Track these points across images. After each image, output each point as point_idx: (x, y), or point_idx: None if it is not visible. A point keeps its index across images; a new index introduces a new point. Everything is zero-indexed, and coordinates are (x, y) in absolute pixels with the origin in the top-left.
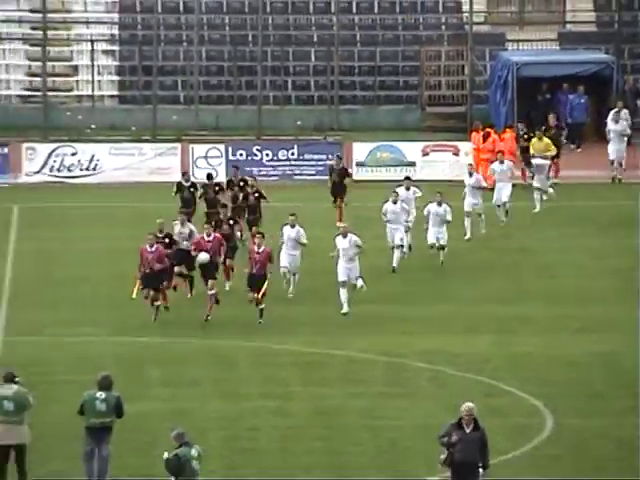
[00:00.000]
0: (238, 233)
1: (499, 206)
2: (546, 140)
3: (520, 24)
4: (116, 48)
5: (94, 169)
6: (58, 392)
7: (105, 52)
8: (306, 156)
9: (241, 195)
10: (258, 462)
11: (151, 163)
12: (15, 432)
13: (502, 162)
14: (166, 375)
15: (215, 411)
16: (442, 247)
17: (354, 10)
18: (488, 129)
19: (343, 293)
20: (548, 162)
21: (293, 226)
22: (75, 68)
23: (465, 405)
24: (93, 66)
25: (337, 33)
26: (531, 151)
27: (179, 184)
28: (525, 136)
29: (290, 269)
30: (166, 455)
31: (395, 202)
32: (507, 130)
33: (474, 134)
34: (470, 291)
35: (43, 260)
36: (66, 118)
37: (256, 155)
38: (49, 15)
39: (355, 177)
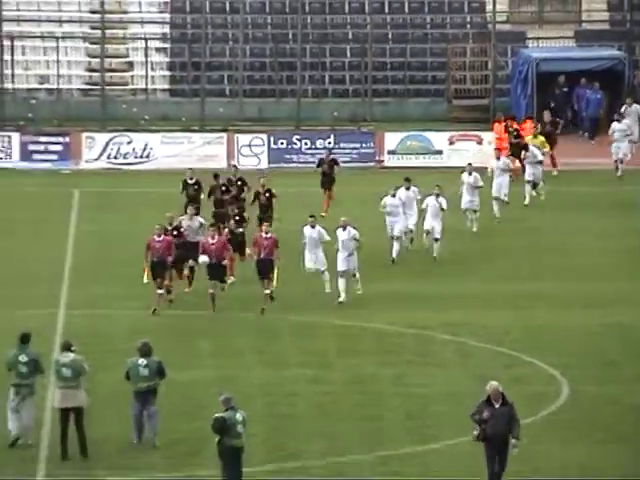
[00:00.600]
0: (240, 229)
1: (496, 199)
2: (540, 138)
3: (539, 23)
4: (168, 46)
5: (147, 157)
6: (113, 360)
7: (158, 49)
8: (341, 145)
9: (252, 193)
10: (296, 426)
11: (199, 151)
12: (73, 396)
13: (499, 158)
14: (213, 346)
15: (258, 378)
16: (436, 240)
17: (386, 10)
18: (510, 120)
19: (342, 283)
20: (541, 158)
21: (313, 226)
22: (130, 64)
23: (489, 384)
24: (147, 62)
25: (370, 31)
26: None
27: (184, 182)
28: (515, 133)
29: (314, 268)
30: (214, 417)
31: (394, 196)
32: (527, 121)
33: (496, 124)
34: (489, 270)
35: (101, 240)
36: (122, 110)
37: (295, 144)
38: (107, 15)
39: (386, 164)
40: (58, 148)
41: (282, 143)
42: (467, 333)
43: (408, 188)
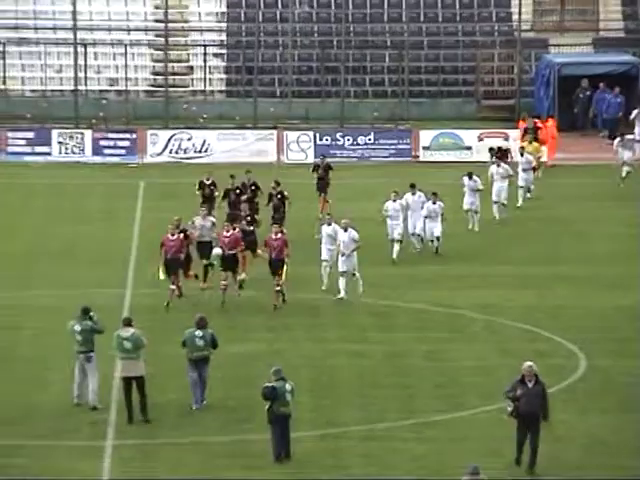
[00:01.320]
0: (251, 227)
1: (496, 203)
2: (535, 144)
3: (560, 31)
4: (224, 51)
5: (205, 151)
6: (173, 334)
7: (215, 55)
8: (381, 141)
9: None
10: (338, 395)
11: (252, 147)
12: (134, 366)
13: (499, 165)
14: (265, 322)
15: (304, 352)
16: (437, 238)
17: (421, 19)
18: (535, 119)
19: (342, 282)
20: (533, 164)
21: (329, 224)
22: (191, 68)
23: (526, 364)
24: (205, 66)
25: (407, 39)
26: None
27: (201, 182)
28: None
29: (330, 262)
30: (264, 386)
31: (395, 200)
32: (549, 119)
33: (521, 123)
34: (514, 255)
35: (163, 227)
36: (183, 109)
37: (339, 140)
38: (170, 24)
39: (421, 159)
40: (126, 144)
41: (327, 139)
42: (494, 312)
43: (414, 193)
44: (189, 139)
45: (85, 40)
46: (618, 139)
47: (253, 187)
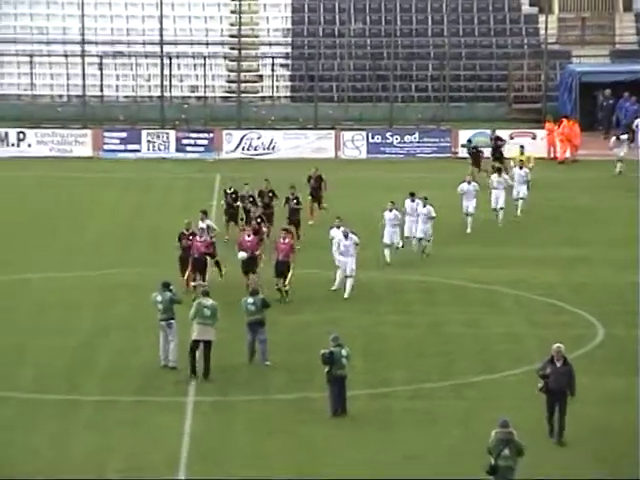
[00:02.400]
0: (265, 229)
1: (495, 209)
2: (526, 155)
3: (581, 44)
4: (289, 62)
5: (272, 149)
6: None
7: (282, 65)
8: (424, 140)
9: (283, 201)
10: (388, 360)
11: (313, 145)
12: (207, 331)
13: (500, 174)
14: (323, 295)
15: (357, 322)
16: (428, 240)
17: (460, 34)
18: (563, 118)
19: (349, 282)
20: (526, 174)
21: (339, 227)
22: (260, 77)
23: (554, 346)
24: (273, 75)
25: (448, 51)
26: (512, 163)
27: (224, 191)
28: (474, 150)
29: (347, 273)
30: (322, 352)
31: (391, 210)
32: (572, 120)
33: (547, 124)
34: (541, 238)
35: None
36: (253, 112)
37: (388, 139)
38: (243, 39)
39: (459, 155)
40: (204, 142)
41: (378, 138)
42: (524, 287)
43: (413, 200)
44: (259, 138)
45: (170, 53)
46: (614, 138)
47: (270, 194)
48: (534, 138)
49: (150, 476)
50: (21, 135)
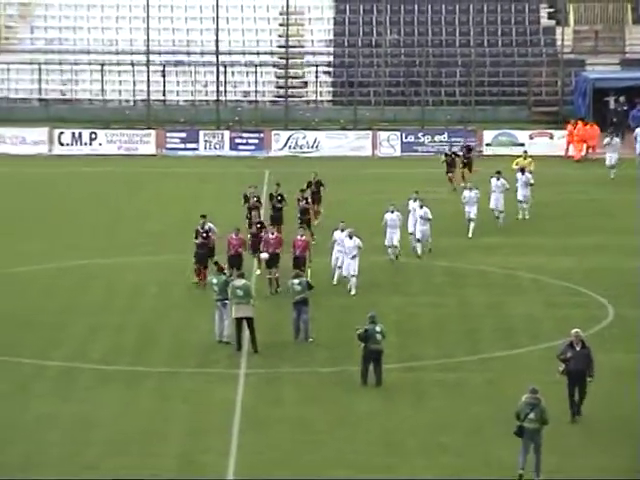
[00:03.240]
0: (263, 234)
1: (494, 210)
2: (529, 159)
3: (595, 53)
4: (331, 70)
5: (316, 147)
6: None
7: (325, 72)
8: (452, 139)
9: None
10: (419, 337)
11: (352, 144)
12: (244, 309)
13: (499, 179)
14: (361, 281)
15: (392, 303)
16: (419, 240)
17: (485, 44)
18: (578, 121)
19: (353, 281)
20: (532, 181)
21: (342, 230)
22: (305, 83)
23: (574, 331)
24: (317, 81)
25: (474, 59)
26: (513, 166)
27: (245, 195)
28: (448, 157)
29: (351, 273)
30: (358, 329)
31: (393, 212)
32: (589, 124)
33: (569, 126)
34: (557, 228)
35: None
36: (299, 115)
37: (420, 139)
38: (290, 50)
39: (484, 153)
40: (255, 141)
41: (411, 138)
42: (542, 272)
43: (415, 200)
44: (303, 138)
45: (225, 62)
46: (607, 138)
47: (279, 197)
48: (551, 138)
49: (205, 440)
50: (93, 135)
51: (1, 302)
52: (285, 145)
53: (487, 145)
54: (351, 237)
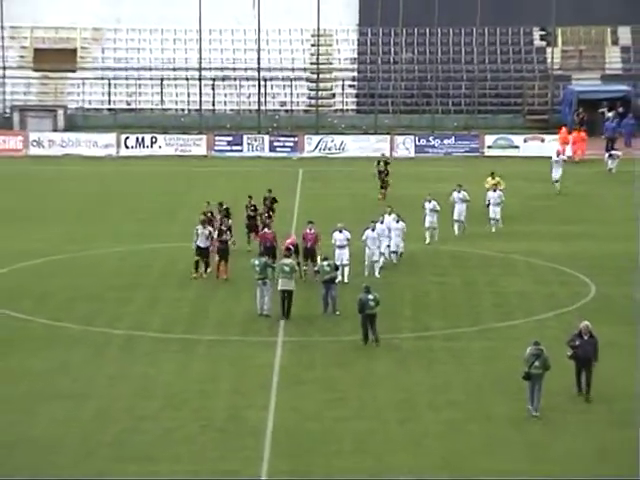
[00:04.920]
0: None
1: (457, 222)
2: (497, 178)
3: (579, 70)
4: (355, 83)
5: (343, 149)
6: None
7: (350, 85)
8: (459, 142)
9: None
10: (429, 309)
11: (373, 146)
12: (288, 283)
13: (459, 191)
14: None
15: (405, 282)
16: (401, 254)
17: (487, 62)
18: (563, 128)
19: (346, 270)
20: (499, 196)
21: (340, 231)
22: (333, 95)
23: (583, 323)
24: (343, 93)
25: (477, 74)
26: (486, 185)
27: (246, 206)
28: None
29: (343, 262)
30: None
31: (373, 230)
32: (572, 131)
33: (561, 131)
34: (548, 218)
35: (315, 199)
36: (328, 121)
37: (431, 142)
38: (320, 66)
39: (485, 154)
40: (290, 144)
41: (423, 141)
42: (533, 256)
43: (390, 214)
44: (332, 141)
45: (265, 77)
46: (555, 156)
47: (270, 202)
48: (542, 141)
49: (248, 397)
50: (153, 139)
51: (76, 280)
52: (316, 147)
53: (488, 147)
54: (341, 231)
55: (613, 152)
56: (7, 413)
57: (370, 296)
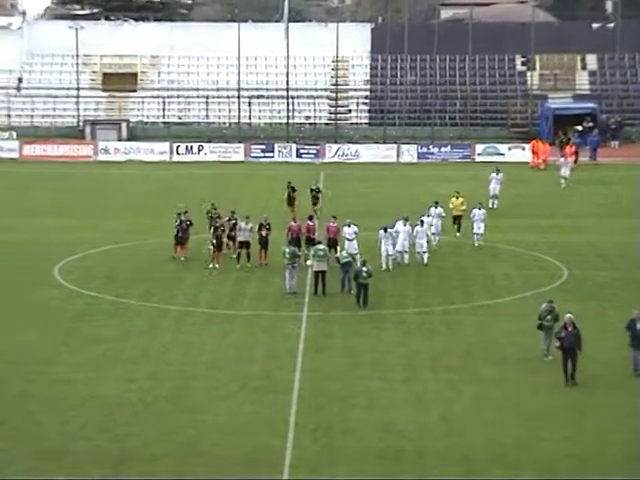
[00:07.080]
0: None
1: (434, 234)
2: (461, 199)
3: (555, 90)
4: (368, 101)
5: (357, 156)
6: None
7: (363, 103)
8: (454, 150)
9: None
10: (428, 287)
11: (382, 153)
12: (322, 264)
13: (436, 207)
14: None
15: (409, 267)
16: (395, 258)
17: (477, 83)
18: (537, 140)
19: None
20: (482, 213)
21: (349, 225)
22: (349, 110)
23: (567, 315)
24: (357, 109)
25: (469, 93)
26: (450, 205)
27: (258, 226)
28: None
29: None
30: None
31: (386, 230)
32: (546, 143)
33: (533, 142)
34: (526, 213)
35: (337, 199)
36: (345, 133)
37: (431, 150)
38: (339, 87)
39: (476, 160)
40: (314, 151)
41: (424, 149)
42: (515, 244)
43: (385, 230)
44: (348, 149)
45: (292, 95)
46: (493, 173)
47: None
48: (523, 150)
49: (279, 361)
50: (200, 147)
51: (137, 264)
52: (335, 154)
53: (478, 154)
54: (349, 225)
55: (565, 159)
56: (80, 372)
57: (364, 268)
